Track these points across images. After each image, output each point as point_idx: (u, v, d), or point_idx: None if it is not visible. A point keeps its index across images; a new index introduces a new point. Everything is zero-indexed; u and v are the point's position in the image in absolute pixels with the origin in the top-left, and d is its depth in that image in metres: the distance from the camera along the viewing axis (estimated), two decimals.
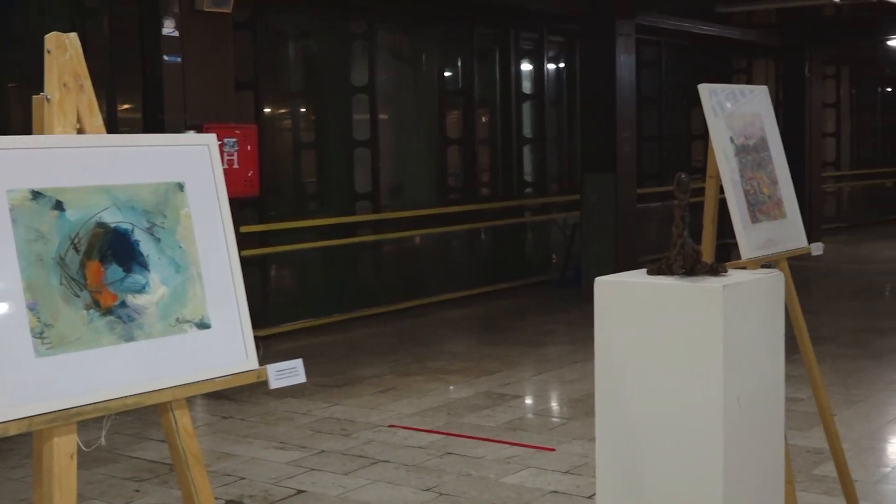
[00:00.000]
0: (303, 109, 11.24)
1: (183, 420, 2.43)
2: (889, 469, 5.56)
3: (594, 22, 12.30)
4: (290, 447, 6.15)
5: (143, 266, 2.34)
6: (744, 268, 3.71)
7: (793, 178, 4.40)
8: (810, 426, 5.99)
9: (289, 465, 5.82)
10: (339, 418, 6.77)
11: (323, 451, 6.05)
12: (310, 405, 7.11)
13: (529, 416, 6.96)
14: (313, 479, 5.58)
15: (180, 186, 2.44)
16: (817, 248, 4.37)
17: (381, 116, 11.53)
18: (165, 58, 8.04)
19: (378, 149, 11.29)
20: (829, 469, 5.01)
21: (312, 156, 11.08)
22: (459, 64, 12.56)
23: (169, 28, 8.03)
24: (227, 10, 8.23)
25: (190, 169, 2.45)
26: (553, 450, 5.97)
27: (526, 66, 13.52)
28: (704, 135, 3.94)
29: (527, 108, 13.48)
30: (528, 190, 13.57)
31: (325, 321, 10.27)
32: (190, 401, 2.58)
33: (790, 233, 4.23)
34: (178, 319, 2.36)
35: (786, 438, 3.71)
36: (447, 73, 12.56)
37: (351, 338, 9.83)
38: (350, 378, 7.96)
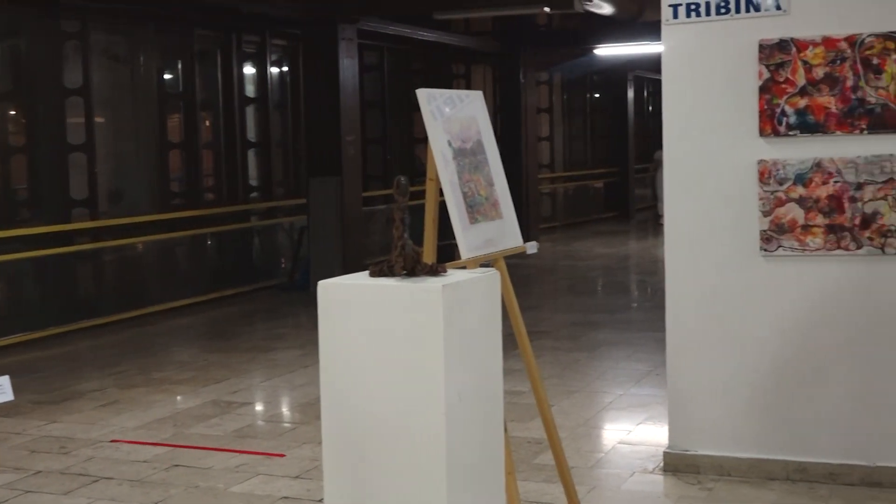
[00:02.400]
0: (12, 112, 10.63)
1: None
2: (603, 454, 5.88)
3: (316, 26, 12.32)
4: (3, 469, 5.81)
5: None
6: (464, 267, 3.82)
7: (510, 179, 4.58)
8: (531, 418, 6.25)
9: (2, 488, 5.49)
10: (58, 436, 6.46)
11: (40, 472, 5.75)
12: (24, 424, 6.74)
13: (259, 422, 6.88)
14: (29, 501, 5.29)
15: None
16: (532, 247, 4.56)
17: (98, 120, 11.09)
18: None
19: (95, 153, 10.85)
20: (548, 458, 5.24)
21: (22, 161, 10.50)
22: (180, 66, 12.26)
23: None
24: None
25: None
26: (283, 455, 5.93)
27: (249, 70, 13.37)
28: (427, 138, 4.03)
29: (251, 111, 13.33)
30: (254, 194, 13.42)
31: (41, 334, 9.77)
32: None
33: (507, 232, 4.39)
34: None
35: (506, 430, 3.84)
36: (167, 76, 12.24)
37: (69, 351, 9.39)
38: (69, 393, 7.60)
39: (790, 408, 5.16)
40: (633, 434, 6.23)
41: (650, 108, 25.57)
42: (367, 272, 3.33)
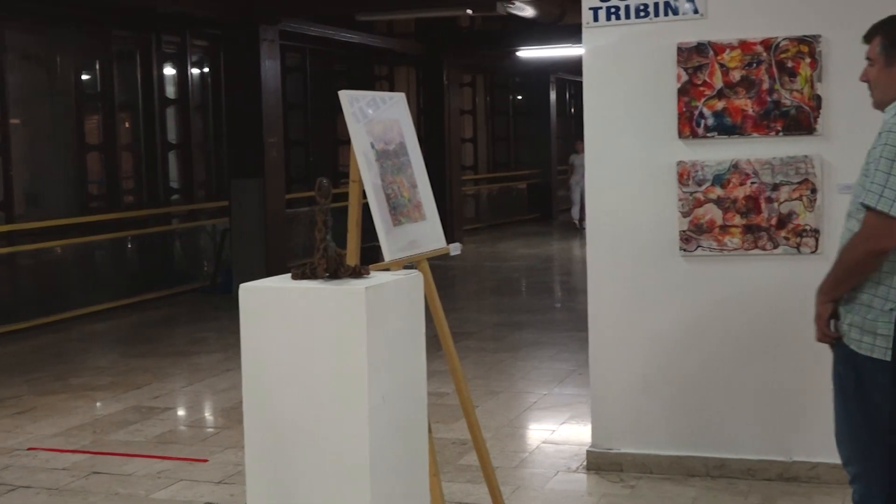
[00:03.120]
0: None
1: None
2: (527, 454, 5.91)
3: (237, 27, 12.22)
4: None
5: None
6: (387, 269, 3.82)
7: (434, 181, 4.59)
8: (455, 419, 6.26)
9: None
10: None
11: None
12: None
13: (181, 427, 6.80)
14: None
15: None
16: (455, 248, 4.57)
17: (13, 121, 10.86)
18: None
19: (10, 155, 10.62)
20: (472, 458, 5.25)
21: None
22: (98, 67, 12.06)
23: None
24: None
25: None
26: (206, 461, 5.87)
27: (169, 71, 13.20)
28: (350, 140, 4.03)
29: (171, 112, 13.16)
30: (175, 197, 13.25)
31: None
32: None
33: (430, 234, 4.39)
34: None
35: (430, 432, 3.85)
36: (85, 77, 12.04)
37: None
38: None
39: (710, 405, 5.24)
40: (556, 433, 6.28)
41: (572, 109, 25.80)
42: (289, 275, 3.31)
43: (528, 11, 13.04)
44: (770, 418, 5.16)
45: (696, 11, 5.12)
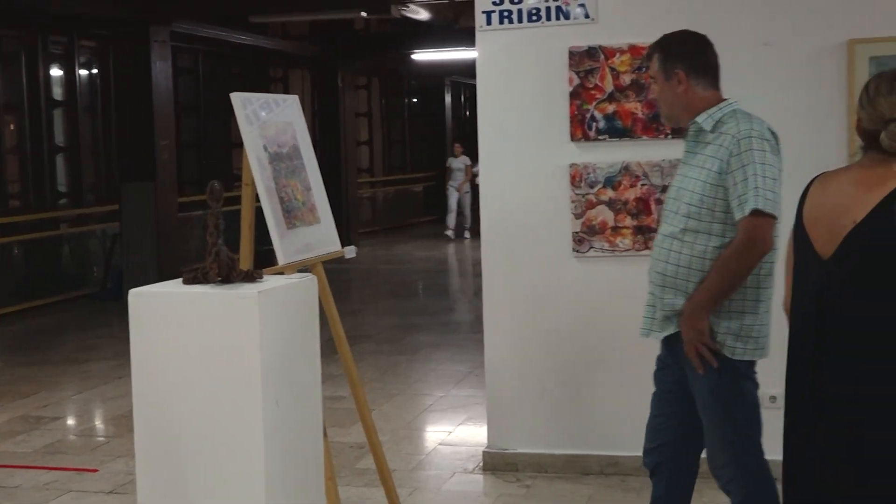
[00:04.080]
0: None
1: None
2: (424, 456, 5.92)
3: (127, 28, 11.99)
4: None
5: None
6: (281, 273, 3.79)
7: (329, 184, 4.56)
8: (351, 422, 6.23)
9: None
10: None
11: None
12: None
13: (70, 437, 6.64)
14: None
15: None
16: (350, 251, 4.56)
17: None
18: None
19: None
20: (369, 462, 5.24)
21: None
22: None
23: None
24: None
25: None
26: (96, 470, 5.74)
27: (56, 72, 12.89)
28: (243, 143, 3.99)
29: (58, 114, 12.85)
30: (63, 201, 12.94)
31: None
32: None
33: (325, 237, 4.38)
34: None
35: (326, 436, 3.83)
36: None
37: None
38: None
39: (603, 404, 5.32)
40: (453, 435, 6.30)
41: (468, 112, 25.95)
42: (181, 280, 3.26)
43: (423, 14, 13.09)
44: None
45: (587, 16, 5.19)
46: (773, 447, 3.37)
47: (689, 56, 3.61)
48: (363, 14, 13.20)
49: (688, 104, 3.58)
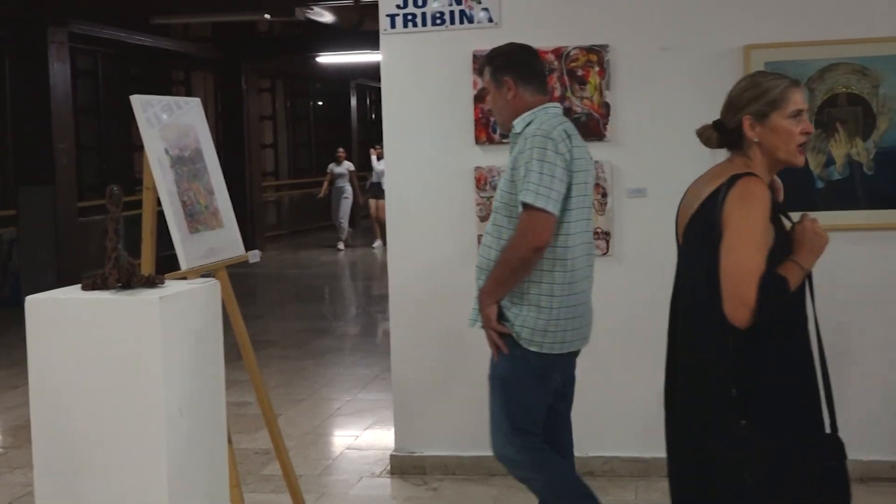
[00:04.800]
0: None
1: None
2: (331, 461, 5.89)
3: (23, 28, 11.71)
4: None
5: None
6: (184, 278, 3.73)
7: (234, 188, 4.51)
8: (257, 428, 6.17)
9: None
10: None
11: None
12: None
13: None
14: None
15: None
16: (254, 256, 4.51)
17: None
18: None
19: None
20: (275, 468, 5.19)
21: None
22: None
23: None
24: None
25: None
26: None
27: None
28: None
29: None
30: None
31: None
32: None
33: (228, 242, 4.32)
34: None
35: (231, 443, 3.79)
36: None
37: None
38: None
39: None
40: (360, 439, 6.28)
41: (373, 115, 25.92)
42: (79, 286, 3.19)
43: (328, 17, 13.03)
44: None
45: (490, 20, 5.23)
46: None
47: (517, 65, 3.82)
48: (266, 16, 13.10)
49: (516, 110, 3.79)
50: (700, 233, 2.93)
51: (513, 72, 3.79)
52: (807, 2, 5.07)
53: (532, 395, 3.77)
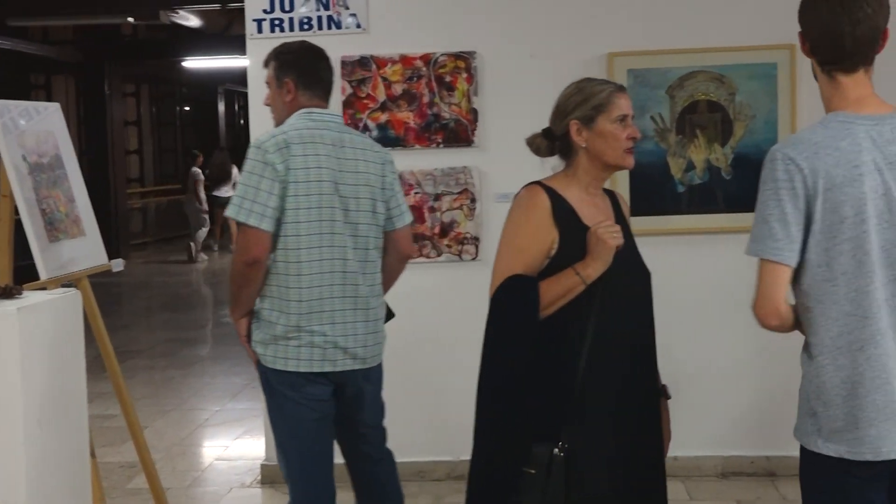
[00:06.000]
0: None
1: None
2: (199, 473, 5.79)
3: None
4: None
5: None
6: (44, 288, 3.62)
7: (97, 195, 4.41)
8: (122, 441, 6.03)
9: None
10: None
11: None
12: None
13: None
14: None
15: None
16: (118, 265, 4.41)
17: None
18: None
19: None
20: (142, 481, 5.08)
21: None
22: None
23: None
24: None
25: None
26: None
27: None
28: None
29: None
30: None
31: None
32: None
33: (90, 250, 4.22)
34: None
35: (94, 457, 3.69)
36: None
37: None
38: None
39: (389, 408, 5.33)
40: (230, 449, 6.19)
41: (242, 121, 25.61)
42: None
43: (194, 21, 12.82)
44: (438, 420, 5.33)
45: (358, 26, 5.22)
46: None
47: (301, 67, 3.63)
48: (130, 19, 12.82)
49: (292, 112, 3.61)
50: None
51: (296, 74, 3.60)
52: (668, 11, 5.21)
53: (281, 413, 3.52)
